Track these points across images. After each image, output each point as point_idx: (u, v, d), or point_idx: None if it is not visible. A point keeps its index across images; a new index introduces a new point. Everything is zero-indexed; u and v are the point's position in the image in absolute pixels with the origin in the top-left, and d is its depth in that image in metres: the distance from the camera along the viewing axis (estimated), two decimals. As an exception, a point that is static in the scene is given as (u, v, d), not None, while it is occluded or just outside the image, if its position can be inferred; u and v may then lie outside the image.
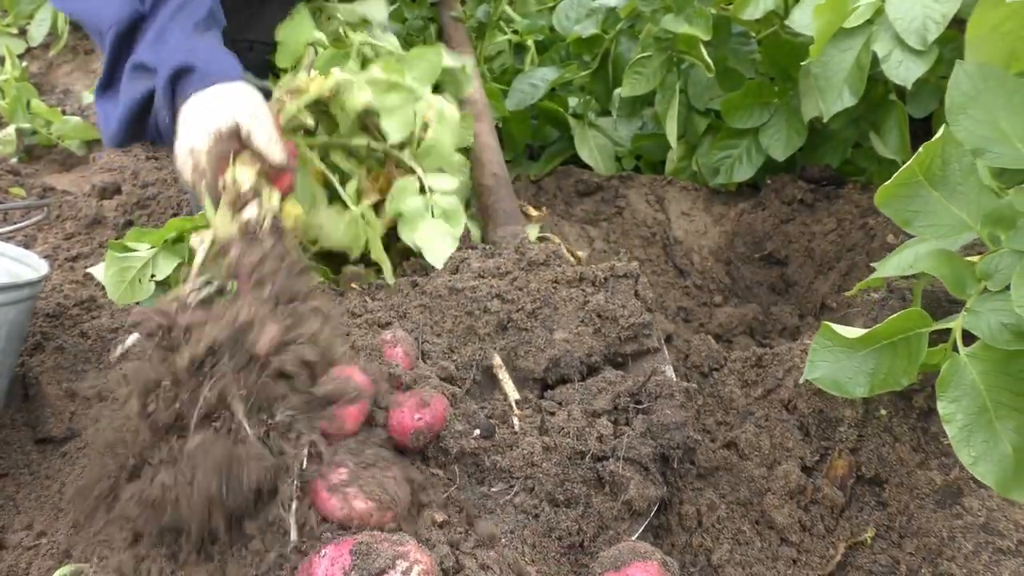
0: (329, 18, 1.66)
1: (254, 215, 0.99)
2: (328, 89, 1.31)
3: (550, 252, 1.23)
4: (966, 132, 0.85)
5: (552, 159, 2.05)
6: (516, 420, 0.97)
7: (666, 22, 1.70)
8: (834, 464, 1.01)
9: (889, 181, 0.87)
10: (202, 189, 1.06)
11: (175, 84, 1.10)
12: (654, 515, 0.95)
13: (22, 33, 2.89)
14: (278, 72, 1.54)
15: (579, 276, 1.16)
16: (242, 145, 1.06)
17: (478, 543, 0.79)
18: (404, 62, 1.46)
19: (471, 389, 1.03)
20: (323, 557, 0.68)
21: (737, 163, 1.80)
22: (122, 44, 1.13)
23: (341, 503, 0.74)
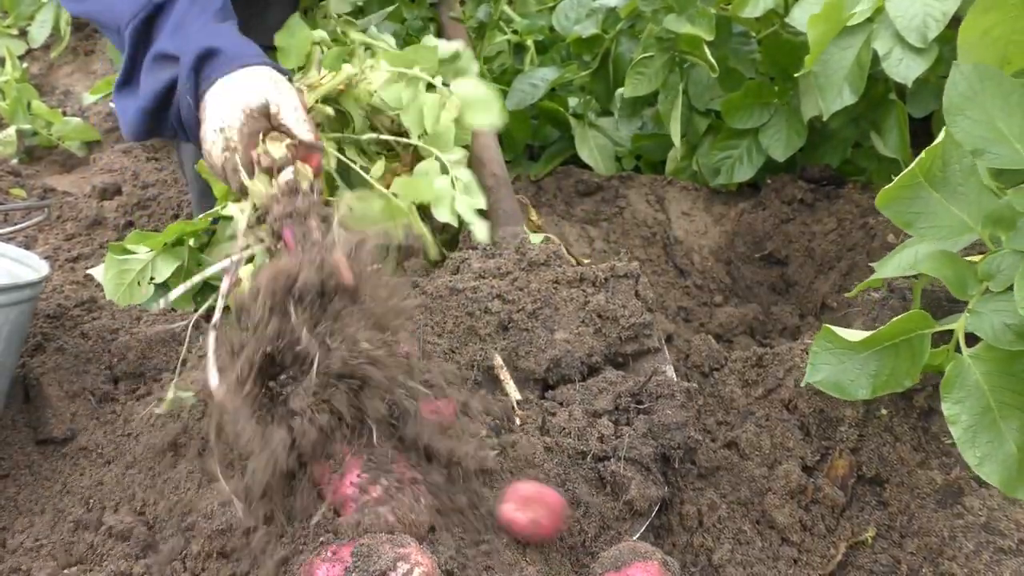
0: (325, 17, 1.67)
1: (291, 176, 1.00)
2: (341, 82, 1.31)
3: (550, 252, 1.23)
4: (964, 133, 0.85)
5: (552, 159, 2.05)
6: (517, 420, 0.97)
7: (668, 22, 1.69)
8: (835, 464, 1.01)
9: (890, 184, 0.87)
10: (232, 167, 1.05)
11: (199, 69, 1.10)
12: (655, 515, 0.95)
13: (23, 34, 2.90)
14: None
15: (579, 276, 1.16)
16: (271, 125, 1.06)
17: (480, 544, 0.79)
18: (409, 54, 1.47)
19: (472, 390, 1.03)
20: (324, 558, 0.68)
21: (738, 163, 1.80)
22: (140, 38, 1.13)
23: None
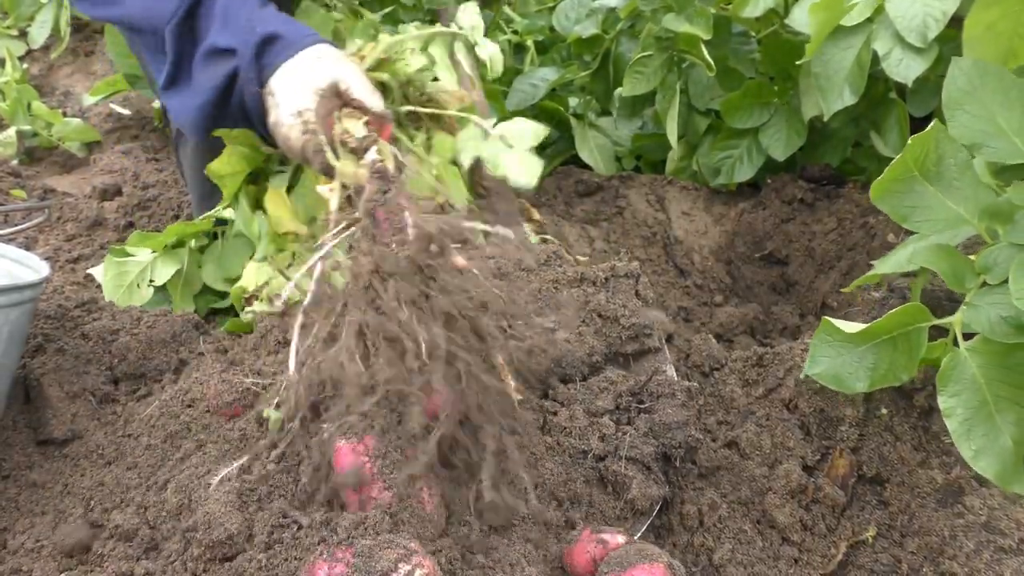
0: (326, 6, 1.69)
1: (377, 156, 1.02)
2: (383, 51, 1.33)
3: (551, 252, 1.23)
4: (963, 128, 0.85)
5: (552, 159, 2.05)
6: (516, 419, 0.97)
7: (667, 21, 1.69)
8: (835, 463, 1.01)
9: (882, 175, 0.87)
10: (314, 149, 1.08)
11: (261, 56, 1.11)
12: (656, 515, 0.95)
13: (23, 35, 2.90)
14: None
15: (580, 276, 1.16)
16: (343, 101, 1.10)
17: (482, 547, 0.79)
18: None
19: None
20: (326, 559, 0.68)
21: (738, 163, 1.80)
22: (185, 35, 1.13)
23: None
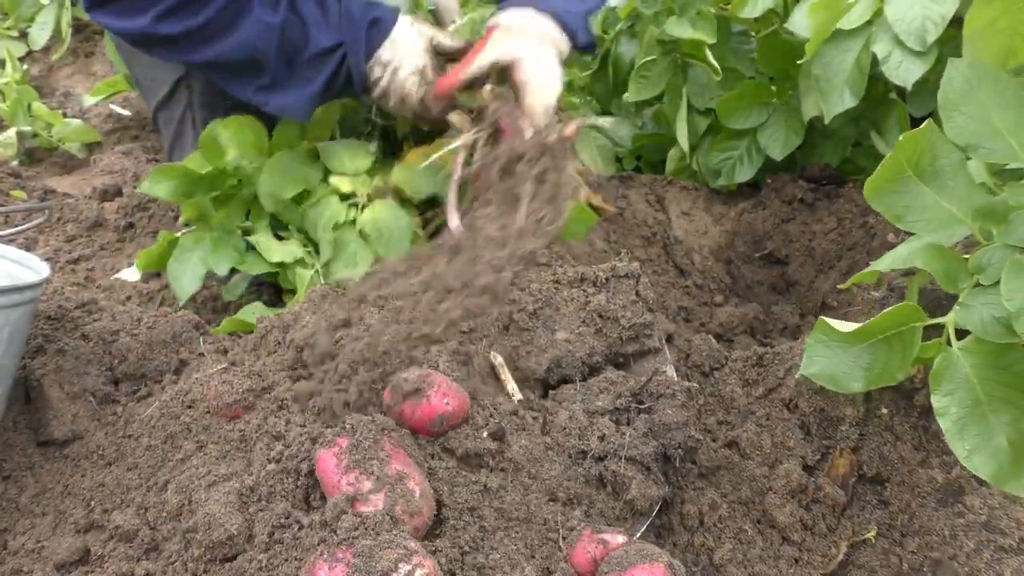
0: None
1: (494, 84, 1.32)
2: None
3: (551, 252, 1.23)
4: (959, 129, 0.85)
5: (552, 159, 2.05)
6: (517, 419, 0.97)
7: (669, 26, 1.68)
8: (835, 463, 1.01)
9: (875, 174, 0.87)
10: (432, 98, 1.37)
11: (370, 41, 1.35)
12: (656, 515, 0.95)
13: (23, 36, 2.90)
14: None
15: (580, 276, 1.16)
16: (437, 51, 1.41)
17: (482, 547, 0.79)
18: None
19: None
20: (326, 560, 0.68)
21: (738, 164, 1.80)
22: (279, 54, 1.33)
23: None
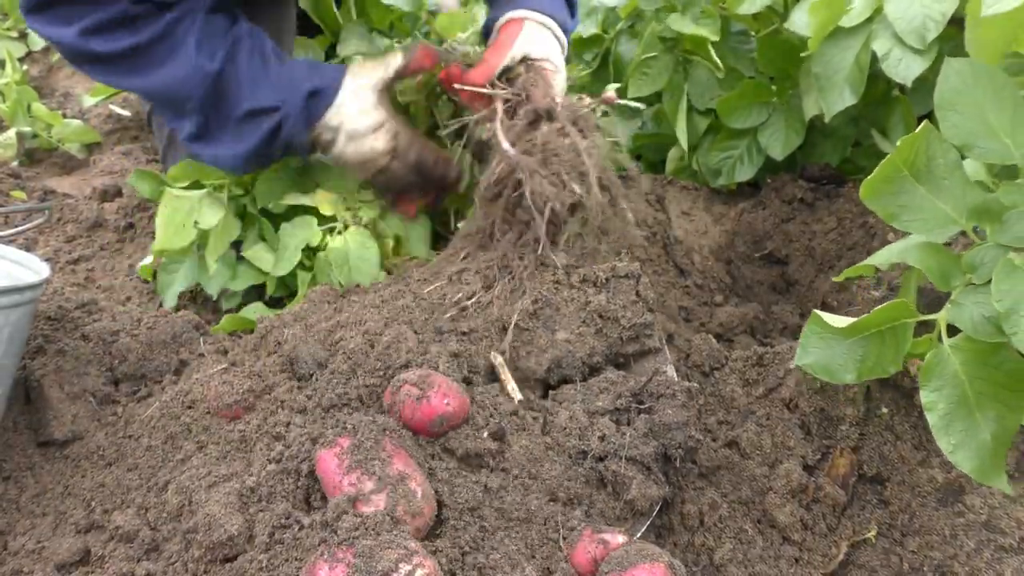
0: None
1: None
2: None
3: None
4: (955, 128, 0.85)
5: (552, 159, 2.05)
6: (517, 419, 0.97)
7: (672, 22, 1.68)
8: (836, 463, 1.01)
9: (872, 175, 0.87)
10: (403, 144, 1.34)
11: (308, 109, 1.27)
12: (656, 514, 0.95)
13: (23, 36, 2.90)
14: None
15: (580, 277, 1.16)
16: (389, 83, 1.35)
17: (482, 547, 0.79)
18: None
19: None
20: (326, 560, 0.68)
21: (738, 163, 1.80)
22: (210, 103, 1.25)
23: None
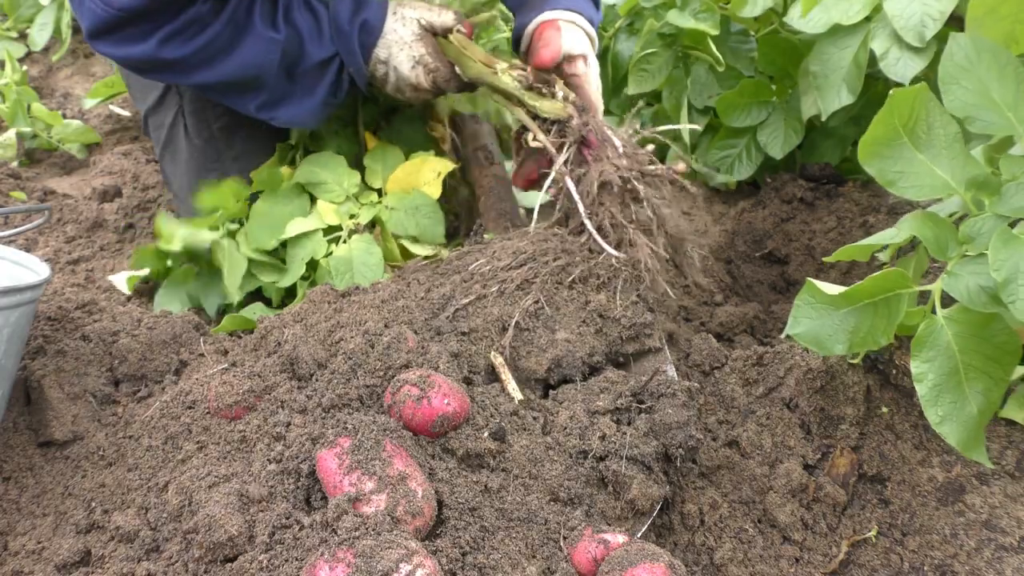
0: None
1: (565, 92, 1.31)
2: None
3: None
4: (958, 101, 0.86)
5: (552, 159, 2.05)
6: (517, 419, 0.97)
7: (671, 17, 1.68)
8: (836, 462, 1.01)
9: (867, 134, 0.88)
10: (443, 79, 1.41)
11: (363, 48, 1.38)
12: (656, 514, 0.95)
13: (22, 37, 2.90)
14: None
15: (581, 276, 1.16)
16: (441, 32, 1.42)
17: (483, 547, 0.79)
18: None
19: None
20: (327, 560, 0.68)
21: (737, 162, 1.80)
22: (280, 70, 1.36)
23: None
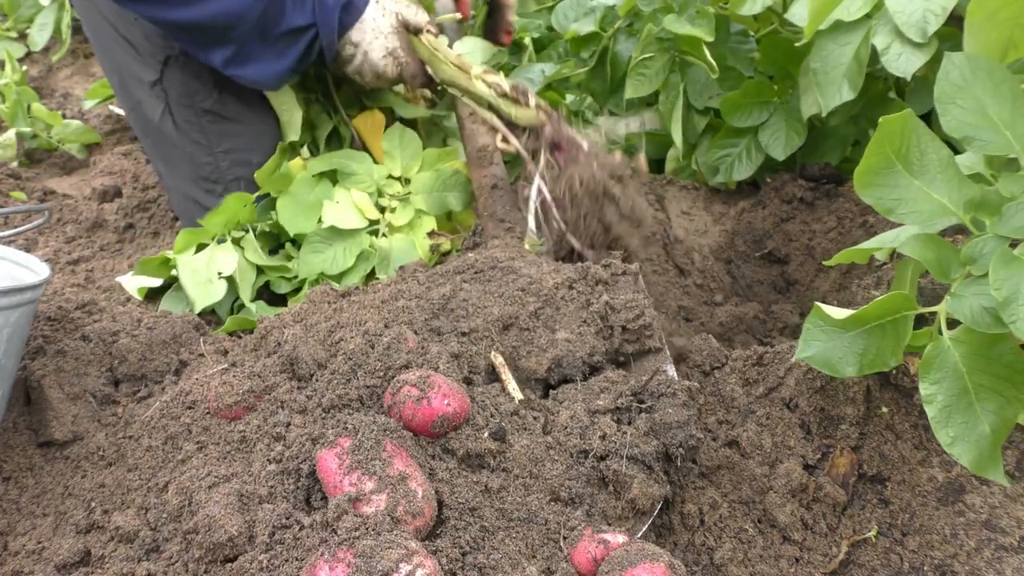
0: None
1: (538, 101, 1.37)
2: None
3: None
4: (955, 121, 0.85)
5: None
6: (518, 419, 0.97)
7: (668, 23, 1.68)
8: (836, 462, 1.01)
9: (862, 164, 0.88)
10: (410, 74, 1.51)
11: (341, 23, 1.45)
12: (656, 514, 0.95)
13: (22, 37, 2.90)
14: None
15: (580, 275, 1.16)
16: (411, 30, 1.51)
17: (483, 547, 0.79)
18: None
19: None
20: (327, 560, 0.68)
21: (737, 162, 1.80)
22: (257, 27, 1.40)
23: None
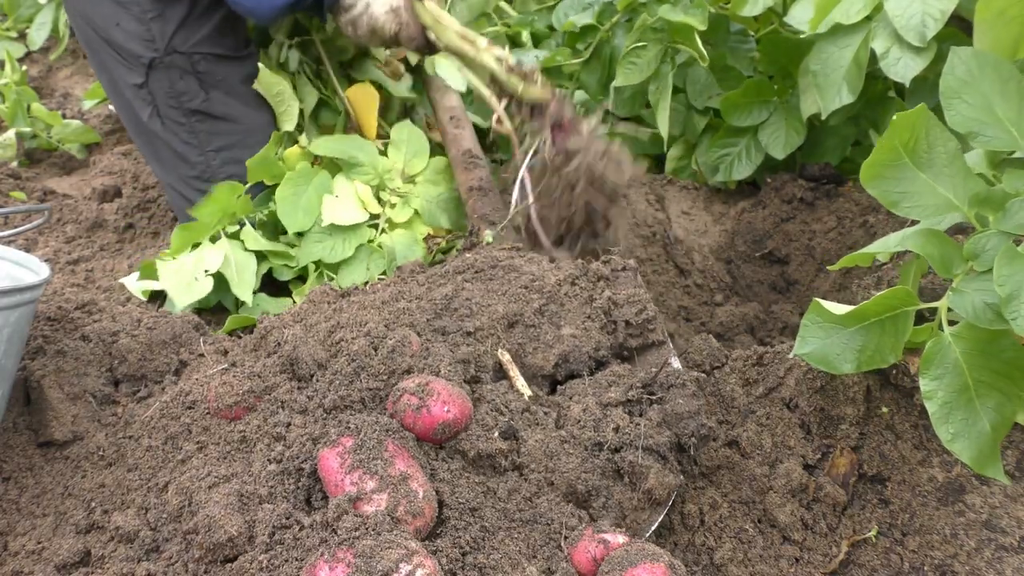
0: None
1: (542, 80, 1.38)
2: None
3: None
4: (960, 117, 0.85)
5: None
6: (529, 415, 0.97)
7: (663, 11, 1.69)
8: (836, 462, 1.01)
9: (871, 157, 0.87)
10: (407, 36, 1.49)
11: None
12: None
13: (22, 37, 2.90)
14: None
15: (583, 272, 1.17)
16: None
17: (483, 547, 0.78)
18: None
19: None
20: (327, 560, 0.68)
21: (736, 161, 1.80)
22: None
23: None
